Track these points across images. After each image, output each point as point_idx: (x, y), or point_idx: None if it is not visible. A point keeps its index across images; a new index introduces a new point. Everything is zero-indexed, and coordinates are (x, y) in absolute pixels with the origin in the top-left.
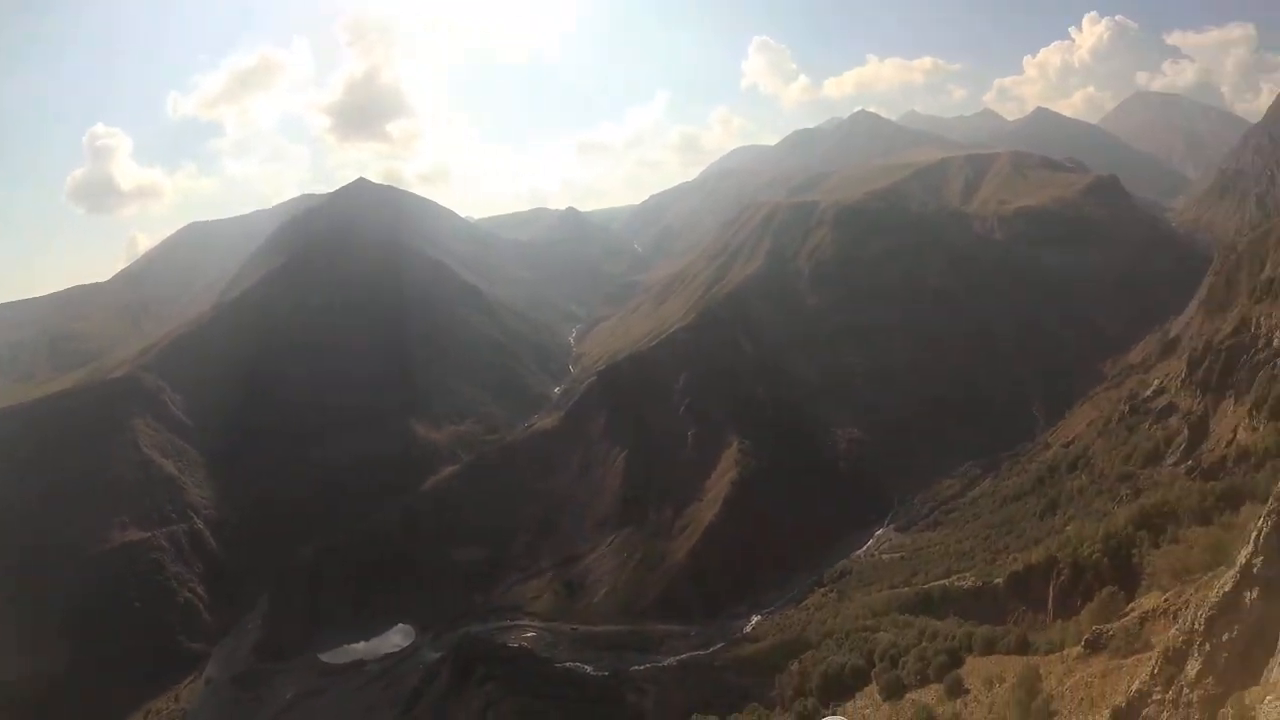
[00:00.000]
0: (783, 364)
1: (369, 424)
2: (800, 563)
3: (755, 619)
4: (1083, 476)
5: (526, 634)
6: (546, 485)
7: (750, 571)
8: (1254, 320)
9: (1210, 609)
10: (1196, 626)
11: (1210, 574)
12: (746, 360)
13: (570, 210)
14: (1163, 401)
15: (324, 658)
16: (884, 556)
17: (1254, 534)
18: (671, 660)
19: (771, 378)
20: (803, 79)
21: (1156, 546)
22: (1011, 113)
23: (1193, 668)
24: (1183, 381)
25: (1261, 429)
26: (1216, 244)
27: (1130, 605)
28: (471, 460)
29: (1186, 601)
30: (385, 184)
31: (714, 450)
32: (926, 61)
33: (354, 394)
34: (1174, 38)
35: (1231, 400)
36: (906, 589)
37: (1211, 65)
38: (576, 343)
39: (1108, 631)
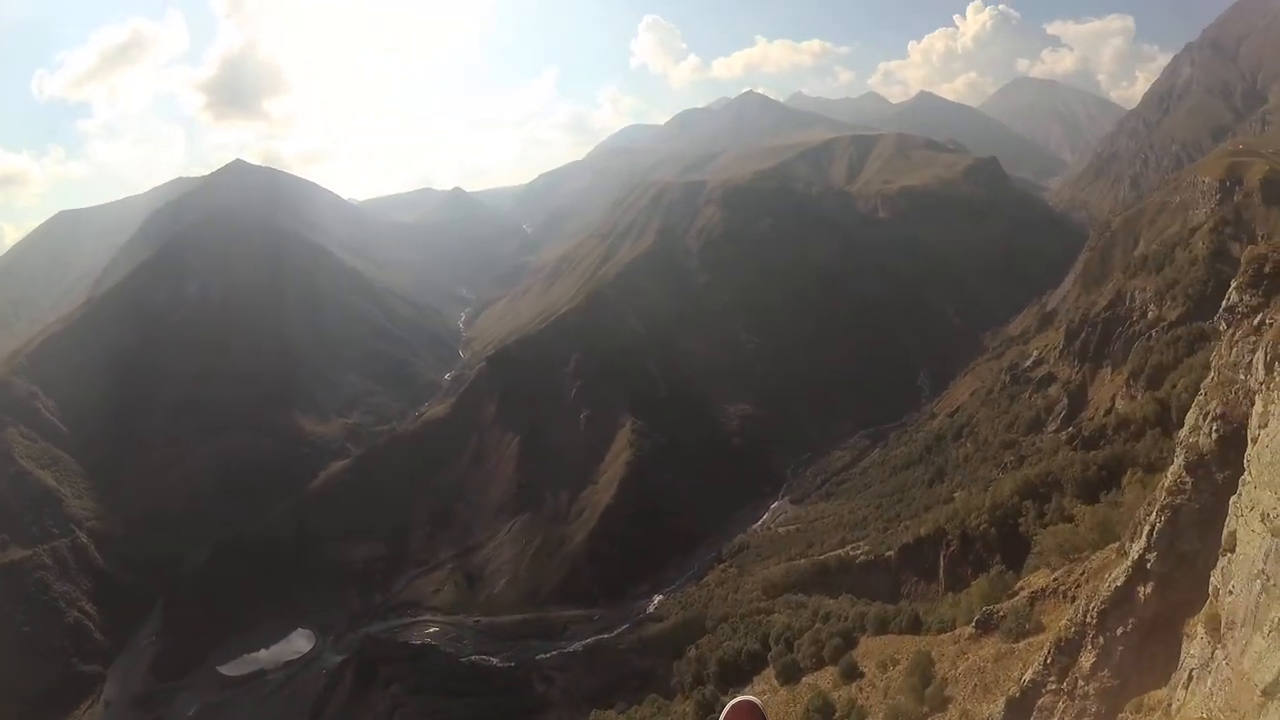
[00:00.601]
0: (674, 342)
1: (254, 420)
2: (699, 539)
3: (658, 598)
4: (968, 444)
5: (429, 630)
6: (440, 476)
7: (650, 551)
8: (1129, 294)
9: (1103, 602)
10: (1089, 619)
11: (1098, 554)
12: (638, 340)
13: (457, 191)
14: (1042, 371)
15: (224, 670)
16: (780, 529)
17: (1146, 529)
18: (577, 646)
19: (663, 357)
20: (692, 58)
21: (1042, 515)
22: (896, 96)
23: (1087, 660)
24: (1061, 352)
25: (1140, 397)
26: (1092, 222)
27: (1019, 583)
28: (361, 454)
29: (1076, 583)
30: (264, 166)
31: (608, 432)
32: (815, 44)
33: (237, 388)
34: (1054, 27)
35: (1108, 369)
36: (803, 560)
37: (1090, 54)
38: (466, 327)
39: (998, 612)
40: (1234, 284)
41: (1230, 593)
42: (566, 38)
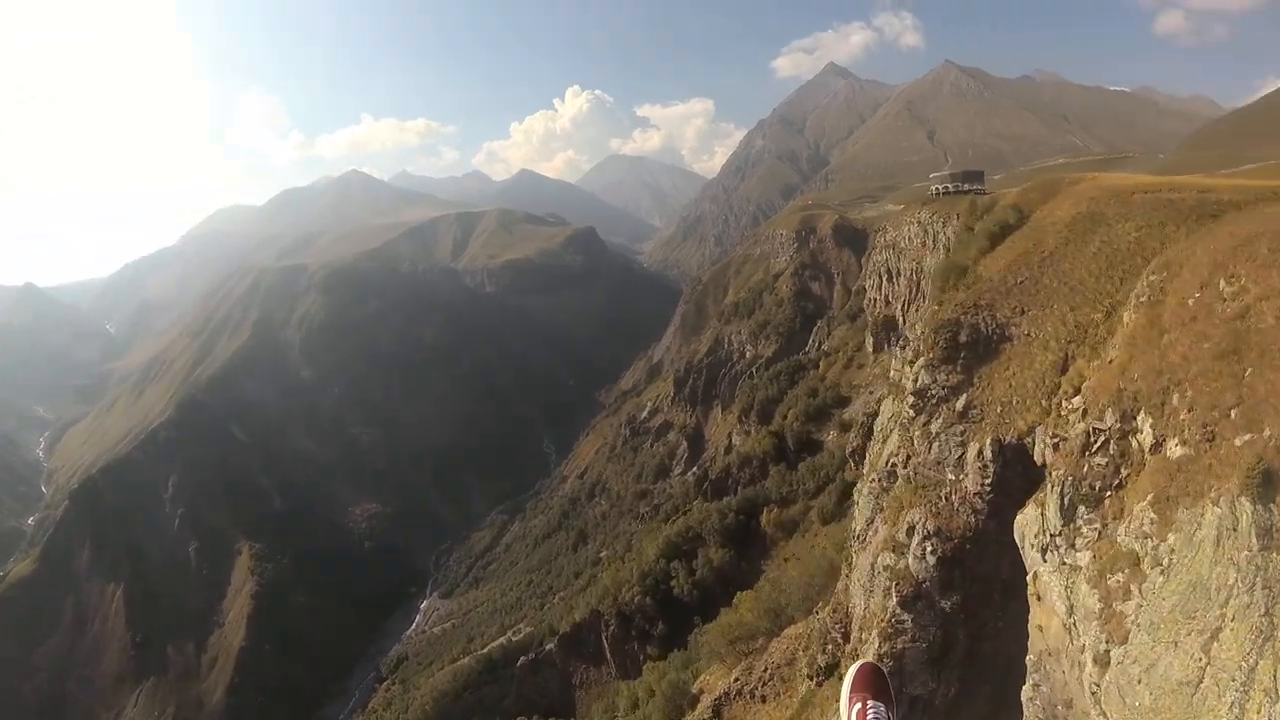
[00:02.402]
0: (285, 447)
1: None
2: (353, 660)
3: None
4: (602, 501)
5: None
6: (40, 651)
7: (302, 689)
8: (725, 338)
9: None
10: None
11: (774, 644)
12: (243, 450)
13: (28, 287)
14: (659, 420)
15: None
16: (436, 629)
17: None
18: None
19: (274, 465)
20: (296, 135)
21: (693, 573)
22: (499, 173)
23: None
24: (673, 399)
25: (755, 432)
26: (685, 278)
27: (698, 686)
28: None
29: (762, 681)
30: None
31: (223, 562)
32: (421, 123)
33: None
34: (644, 109)
35: (719, 409)
36: (467, 659)
37: (675, 132)
38: (47, 455)
39: None
40: (921, 361)
41: None
42: (160, 113)
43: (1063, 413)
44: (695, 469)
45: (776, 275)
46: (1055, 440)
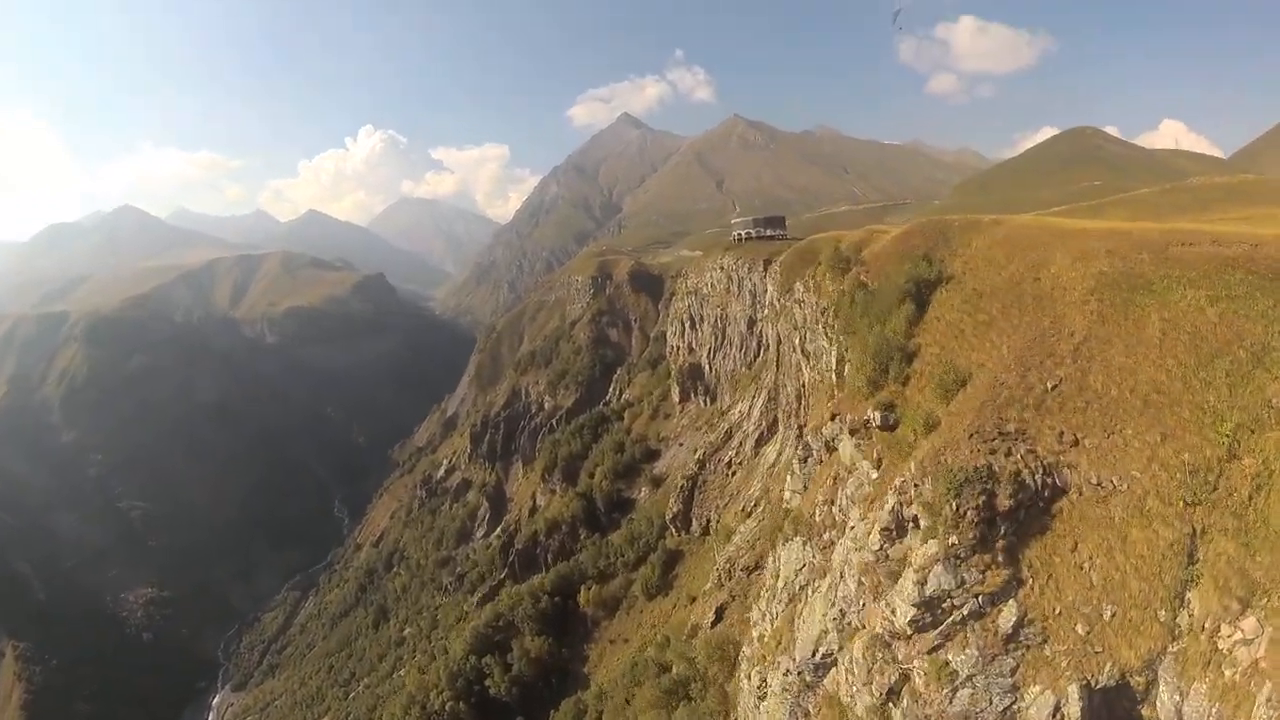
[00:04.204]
0: (45, 526)
1: None
2: None
3: None
4: (402, 573)
5: None
6: None
7: None
8: (523, 389)
9: None
10: None
11: None
12: None
13: None
14: (456, 479)
15: None
16: None
17: None
18: None
19: (34, 549)
20: (67, 163)
21: (508, 669)
22: (285, 214)
23: None
24: (470, 456)
25: (559, 493)
26: (478, 325)
27: None
28: None
29: None
30: None
31: None
32: (205, 156)
33: None
34: (438, 152)
35: (519, 465)
36: None
37: (469, 177)
38: None
39: None
40: (929, 550)
41: None
42: None
43: (1217, 640)
44: (499, 532)
45: (573, 322)
46: (1209, 683)
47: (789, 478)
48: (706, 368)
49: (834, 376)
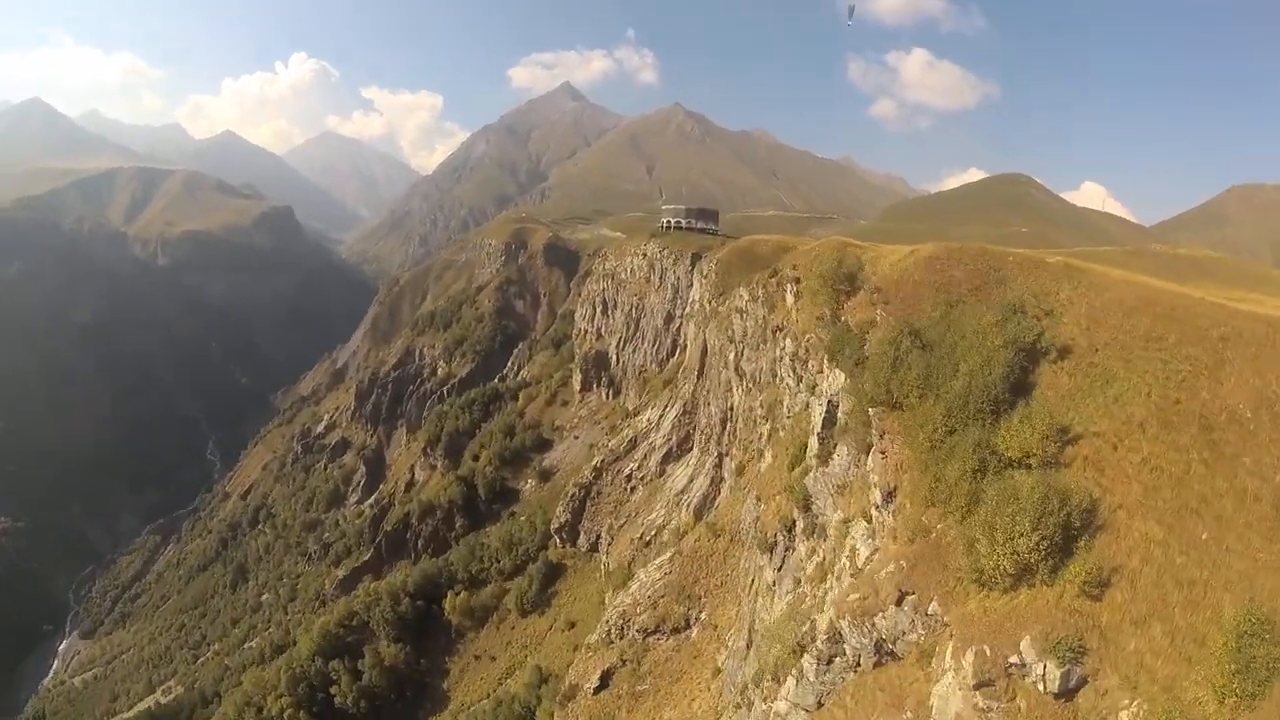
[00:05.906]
0: None
1: None
2: None
3: None
4: (267, 531)
5: None
6: None
7: None
8: (417, 350)
9: None
10: None
11: None
12: None
13: None
14: (336, 436)
15: None
16: (77, 680)
17: None
18: None
19: None
20: None
21: (358, 676)
22: (201, 131)
23: None
24: (353, 414)
25: (439, 470)
26: (383, 275)
27: None
28: None
29: None
30: None
31: None
32: (126, 57)
33: None
34: (370, 92)
35: (403, 431)
36: None
37: (397, 121)
38: None
39: None
40: None
41: None
42: None
43: None
44: (372, 502)
45: (480, 287)
46: None
47: (793, 684)
48: (614, 358)
49: (815, 441)
